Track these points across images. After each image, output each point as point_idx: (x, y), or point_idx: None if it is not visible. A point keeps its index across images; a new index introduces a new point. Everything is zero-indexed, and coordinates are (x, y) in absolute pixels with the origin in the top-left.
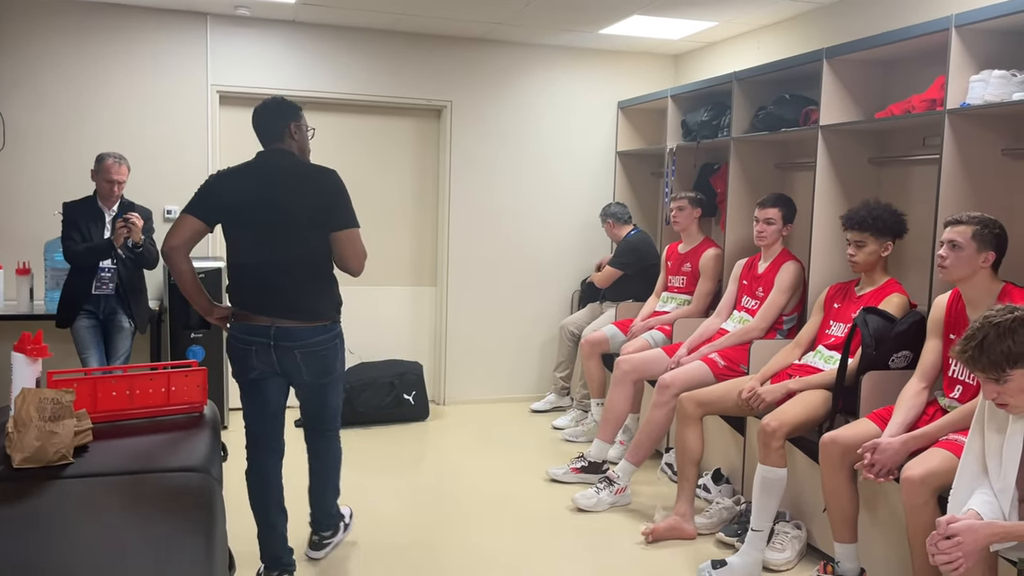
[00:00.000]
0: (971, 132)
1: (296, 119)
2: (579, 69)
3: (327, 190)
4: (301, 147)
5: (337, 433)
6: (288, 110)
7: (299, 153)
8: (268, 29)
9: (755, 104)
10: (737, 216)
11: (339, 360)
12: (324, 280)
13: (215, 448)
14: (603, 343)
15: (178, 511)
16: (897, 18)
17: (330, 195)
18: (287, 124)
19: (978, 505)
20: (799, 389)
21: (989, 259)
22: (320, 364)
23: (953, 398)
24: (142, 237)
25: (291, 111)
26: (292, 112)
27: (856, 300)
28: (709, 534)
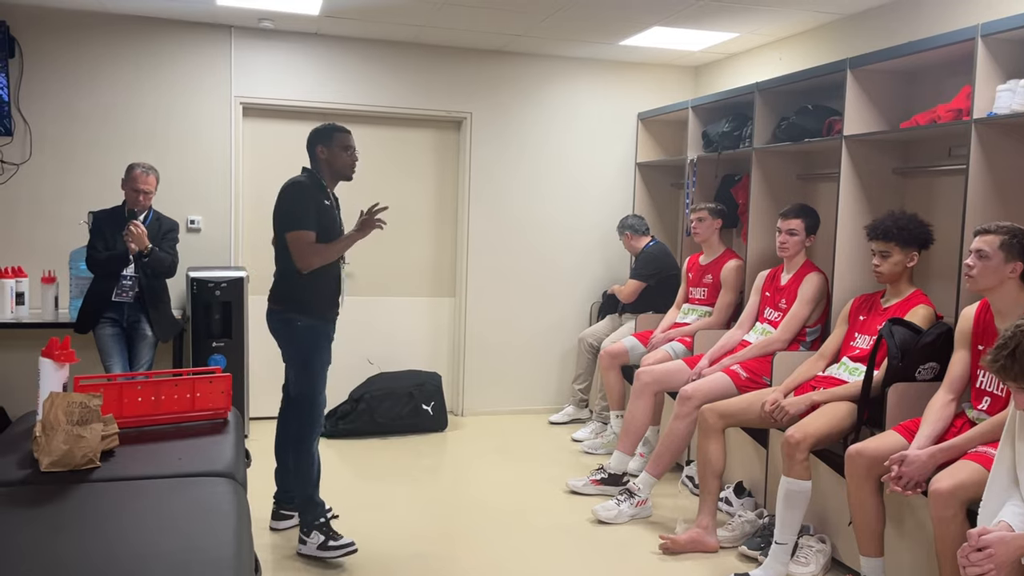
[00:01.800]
0: (998, 142)
1: (323, 142)
2: (599, 81)
3: (280, 198)
4: (332, 166)
5: (300, 417)
6: (315, 136)
7: (329, 171)
8: (291, 41)
9: (777, 115)
10: (759, 227)
11: (294, 346)
12: (286, 274)
13: (240, 453)
14: (623, 355)
15: (204, 515)
16: (922, 28)
17: (280, 202)
18: (314, 147)
19: (1010, 517)
20: (823, 401)
21: (1017, 269)
22: (277, 340)
23: (981, 410)
24: (148, 245)
25: (318, 136)
26: (318, 136)
27: (882, 312)
28: (731, 547)
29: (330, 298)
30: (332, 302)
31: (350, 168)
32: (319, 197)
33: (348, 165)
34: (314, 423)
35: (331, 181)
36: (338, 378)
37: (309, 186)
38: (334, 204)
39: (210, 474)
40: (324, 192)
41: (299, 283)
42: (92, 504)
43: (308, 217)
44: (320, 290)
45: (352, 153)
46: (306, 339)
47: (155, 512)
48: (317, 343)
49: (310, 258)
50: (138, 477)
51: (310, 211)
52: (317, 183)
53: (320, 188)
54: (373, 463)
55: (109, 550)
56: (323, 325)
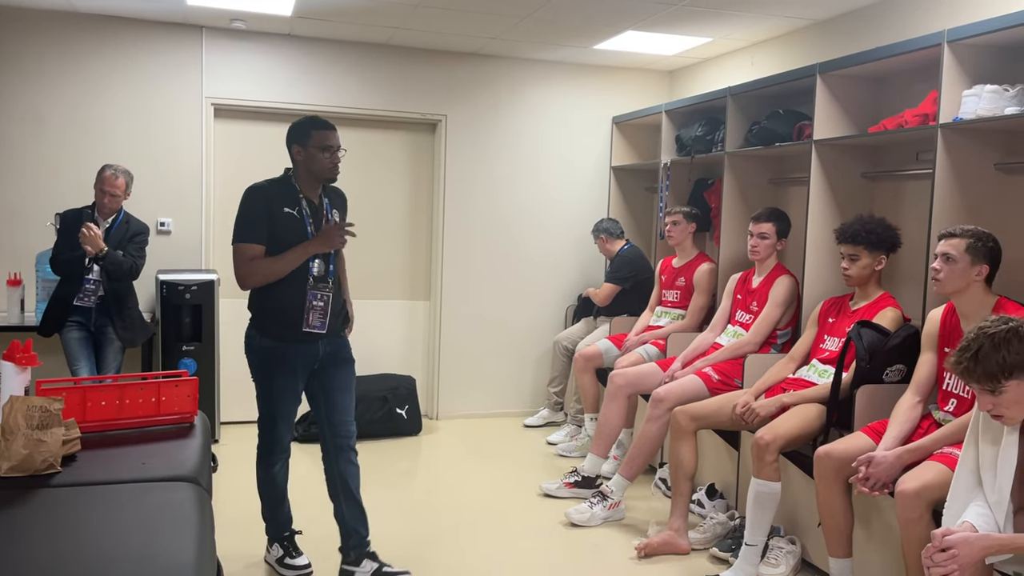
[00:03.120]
0: (964, 146)
1: (299, 140)
2: (574, 84)
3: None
4: (309, 168)
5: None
6: (290, 133)
7: (306, 173)
8: (263, 42)
9: (749, 119)
10: (731, 231)
11: (251, 366)
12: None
13: (205, 458)
14: (597, 358)
15: (166, 521)
16: (889, 34)
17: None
18: (290, 147)
19: (973, 517)
20: (793, 403)
21: (983, 272)
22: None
23: (947, 411)
24: (103, 248)
25: (292, 134)
26: (293, 134)
27: (850, 314)
28: (703, 549)
29: (291, 317)
30: (292, 322)
31: (329, 170)
32: (276, 205)
33: (327, 167)
34: (267, 451)
35: (308, 185)
36: None
37: (264, 192)
38: (306, 212)
39: (174, 479)
40: (289, 199)
41: (256, 297)
42: (52, 510)
43: (250, 229)
44: (277, 307)
45: (332, 154)
46: (258, 360)
47: (116, 517)
48: (270, 367)
49: (247, 275)
50: (100, 482)
51: (255, 222)
52: (282, 188)
53: (285, 194)
54: None
55: (68, 556)
56: (281, 347)
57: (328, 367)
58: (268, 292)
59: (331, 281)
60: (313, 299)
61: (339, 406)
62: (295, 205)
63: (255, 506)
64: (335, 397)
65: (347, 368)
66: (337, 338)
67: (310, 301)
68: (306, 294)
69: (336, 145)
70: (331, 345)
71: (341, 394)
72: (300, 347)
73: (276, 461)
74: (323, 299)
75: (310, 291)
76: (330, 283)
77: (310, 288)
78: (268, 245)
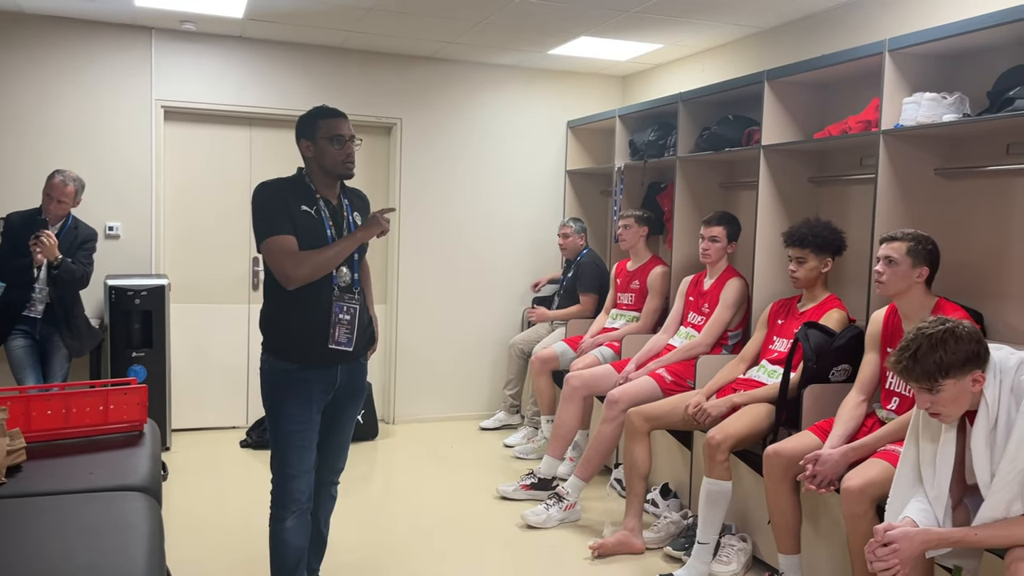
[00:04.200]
0: (905, 152)
1: (306, 135)
2: (529, 88)
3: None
4: (320, 163)
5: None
6: (298, 128)
7: (319, 170)
8: (214, 44)
9: (700, 124)
10: (683, 234)
11: (262, 396)
12: (268, 300)
13: (155, 467)
14: (553, 360)
15: (115, 531)
16: (834, 42)
17: (252, 212)
18: (299, 144)
19: (914, 513)
20: (743, 403)
21: (923, 274)
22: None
23: (890, 410)
24: (58, 256)
25: (299, 128)
26: (300, 128)
27: (798, 316)
28: (657, 548)
29: (315, 334)
30: (315, 339)
31: (343, 164)
32: (292, 201)
33: (339, 160)
34: (281, 502)
35: (323, 183)
36: None
37: (278, 186)
38: (324, 213)
39: (123, 488)
40: (305, 196)
41: (270, 310)
42: None
43: (277, 220)
44: (294, 320)
45: (344, 144)
46: (268, 386)
47: (63, 529)
48: (283, 394)
49: (292, 267)
50: (46, 493)
51: (279, 213)
52: (296, 185)
53: (299, 191)
54: None
55: (13, 569)
56: (296, 371)
57: (341, 398)
58: (286, 305)
59: (357, 292)
60: (340, 311)
61: (339, 443)
62: (312, 204)
63: (205, 514)
64: (336, 431)
65: (359, 401)
66: (357, 362)
67: (336, 314)
68: (332, 306)
69: (347, 135)
70: (350, 372)
71: (344, 432)
72: (317, 371)
73: (288, 514)
74: (350, 311)
75: (336, 302)
76: (356, 293)
77: (336, 299)
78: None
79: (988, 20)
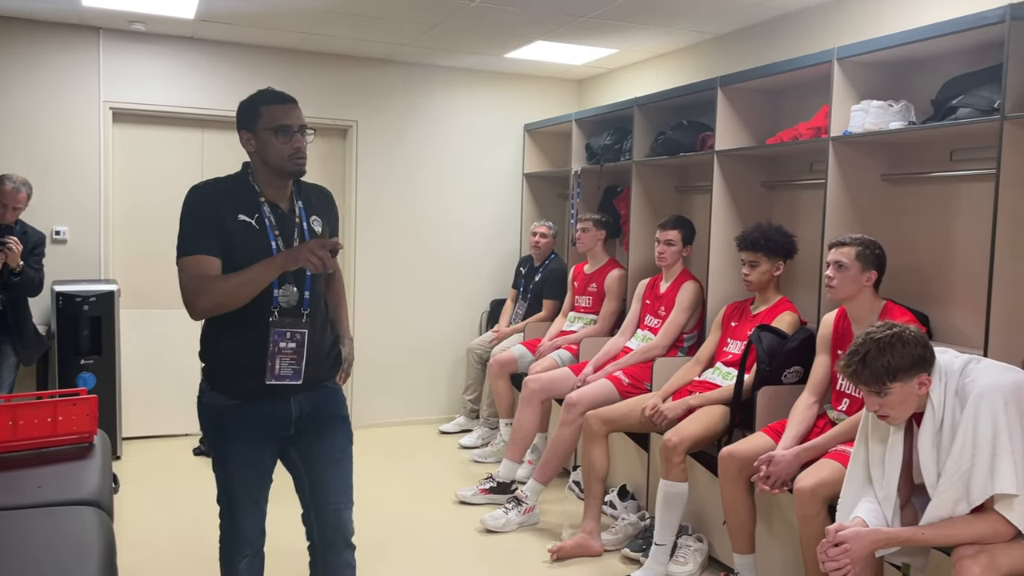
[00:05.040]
0: (853, 158)
1: (246, 125)
2: (486, 92)
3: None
4: (263, 159)
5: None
6: (237, 117)
7: (263, 168)
8: (165, 45)
9: (655, 129)
10: (640, 237)
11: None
12: (205, 322)
13: (106, 480)
14: (511, 363)
15: (66, 547)
16: (785, 49)
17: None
18: (239, 133)
19: (864, 513)
20: (699, 405)
21: (872, 278)
22: None
23: (841, 411)
24: (20, 263)
25: (239, 117)
26: (240, 117)
27: (751, 318)
28: (615, 550)
29: (249, 364)
30: (250, 370)
31: (291, 160)
32: (225, 209)
33: (284, 156)
34: (227, 544)
35: (269, 183)
36: None
37: (206, 194)
38: (269, 220)
39: (73, 503)
40: (244, 201)
41: (204, 334)
42: None
43: (194, 238)
44: (231, 350)
45: (291, 138)
46: (208, 423)
47: (11, 546)
48: (225, 432)
49: (195, 294)
50: None
51: (200, 228)
52: (236, 188)
53: (238, 194)
54: None
55: None
56: (233, 406)
57: (308, 430)
58: (218, 330)
59: (306, 314)
60: (280, 339)
61: (326, 481)
62: (253, 211)
63: (158, 526)
64: (320, 470)
65: (337, 430)
66: (321, 389)
67: (275, 343)
68: (269, 333)
69: (296, 124)
70: (311, 401)
71: (329, 465)
72: (264, 405)
73: (239, 558)
74: (294, 339)
75: (275, 329)
76: (304, 316)
77: (275, 324)
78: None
79: (932, 31)
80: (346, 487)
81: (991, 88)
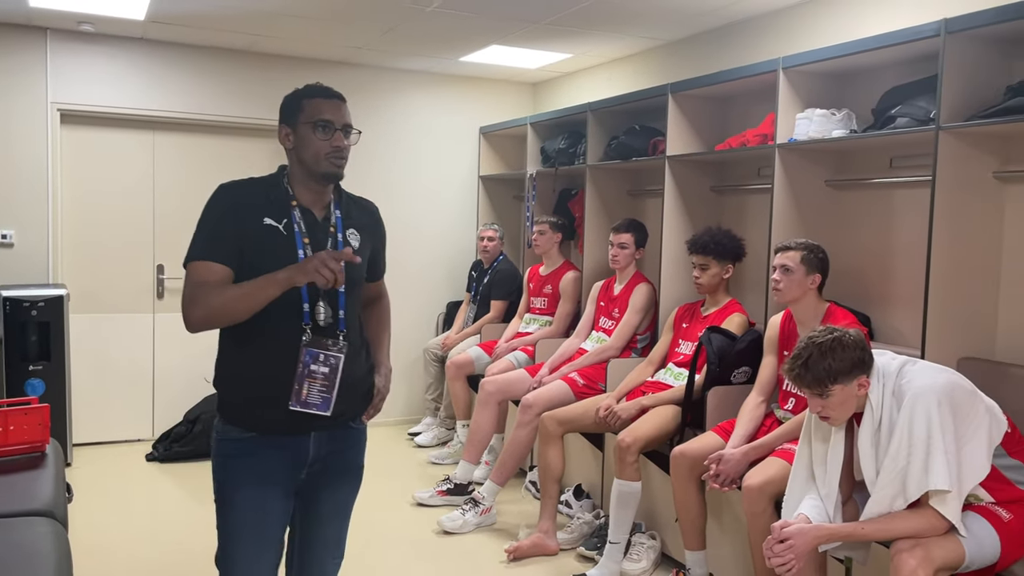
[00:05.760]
0: (798, 165)
1: (287, 119)
2: (441, 94)
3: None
4: (300, 157)
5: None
6: (280, 111)
7: (298, 168)
8: (114, 46)
9: (608, 133)
10: (594, 240)
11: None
12: (221, 341)
13: (60, 489)
14: (468, 365)
15: (20, 560)
16: (734, 57)
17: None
18: (279, 130)
19: (807, 509)
20: (652, 405)
21: (816, 281)
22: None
23: (787, 410)
24: None
25: (281, 111)
26: (281, 112)
27: (702, 320)
28: (571, 549)
29: (268, 388)
30: (272, 395)
31: (328, 160)
32: (250, 212)
33: (322, 155)
34: None
35: (304, 186)
36: (172, 397)
37: (232, 193)
38: (299, 226)
39: (27, 513)
40: (275, 205)
41: (221, 354)
42: None
43: (205, 242)
44: (247, 368)
45: (332, 135)
46: (217, 459)
47: None
48: (233, 472)
49: (188, 305)
50: None
51: (214, 232)
52: (267, 190)
53: (269, 197)
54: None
55: None
56: (250, 441)
57: (319, 477)
58: (236, 349)
59: (342, 336)
60: (311, 361)
61: (323, 540)
62: (282, 216)
63: (112, 535)
64: (319, 525)
65: (351, 483)
66: (344, 429)
67: (306, 364)
68: (299, 353)
69: (339, 122)
70: (333, 442)
71: (331, 521)
72: (282, 440)
73: None
74: (328, 363)
75: (307, 348)
76: (341, 339)
77: (307, 344)
78: (238, 272)
79: (872, 43)
80: (340, 543)
81: (927, 99)
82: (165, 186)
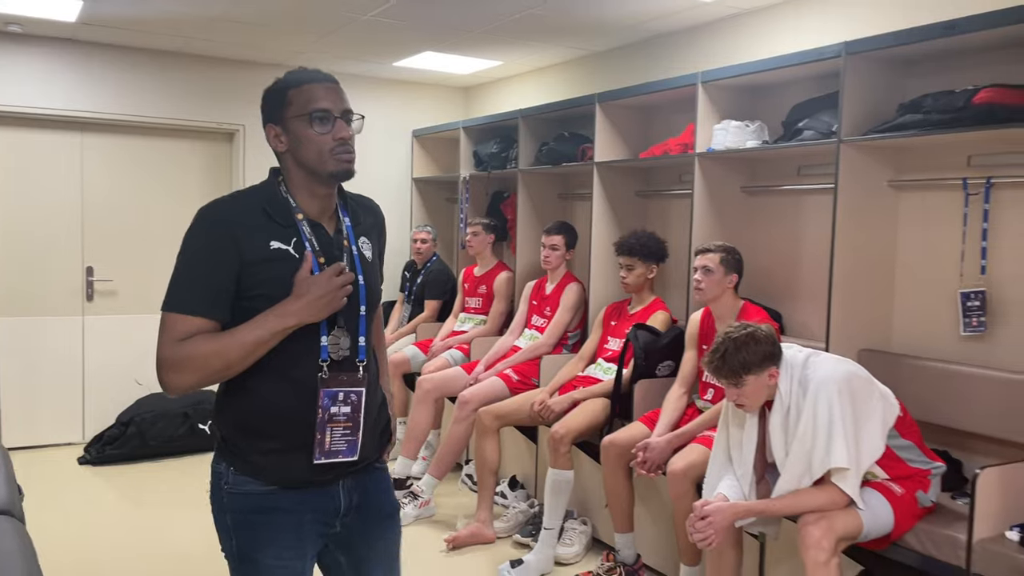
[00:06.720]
0: (716, 172)
1: (272, 117)
2: (375, 97)
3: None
4: (297, 159)
5: None
6: (262, 109)
7: (297, 172)
8: (44, 47)
9: (539, 139)
10: (526, 241)
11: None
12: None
13: (12, 487)
14: (404, 363)
15: None
16: (658, 68)
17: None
18: (265, 131)
19: (725, 489)
20: (583, 398)
21: (733, 281)
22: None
23: (707, 400)
24: None
25: (263, 108)
26: (264, 108)
27: (629, 317)
28: (507, 537)
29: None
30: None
31: (331, 156)
32: (250, 239)
33: (323, 151)
34: None
35: (307, 193)
36: (104, 400)
37: (223, 220)
38: (310, 243)
39: None
40: (276, 223)
41: (223, 403)
42: None
43: (186, 288)
44: (256, 414)
45: (332, 126)
46: (228, 517)
47: None
48: (252, 534)
49: (170, 367)
50: None
51: (198, 275)
52: (263, 204)
53: (268, 214)
54: (147, 488)
55: None
56: (269, 496)
57: (359, 529)
58: (242, 392)
59: (362, 367)
60: (331, 403)
61: None
62: (289, 235)
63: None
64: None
65: (395, 531)
66: (369, 471)
67: (326, 408)
68: (318, 394)
69: (338, 109)
70: (361, 487)
71: (383, 570)
72: (308, 494)
73: None
74: (348, 401)
75: (325, 389)
76: (361, 370)
77: (324, 383)
78: (238, 315)
79: (781, 61)
80: None
81: (830, 113)
82: (94, 188)
